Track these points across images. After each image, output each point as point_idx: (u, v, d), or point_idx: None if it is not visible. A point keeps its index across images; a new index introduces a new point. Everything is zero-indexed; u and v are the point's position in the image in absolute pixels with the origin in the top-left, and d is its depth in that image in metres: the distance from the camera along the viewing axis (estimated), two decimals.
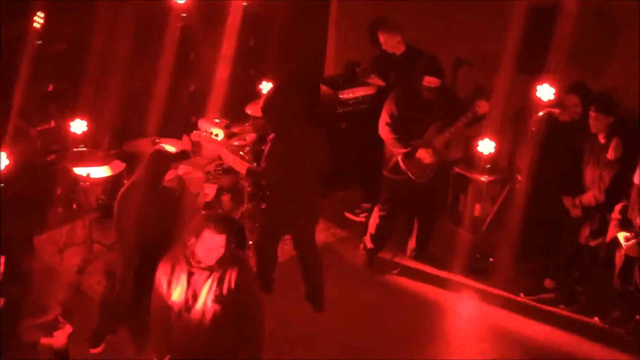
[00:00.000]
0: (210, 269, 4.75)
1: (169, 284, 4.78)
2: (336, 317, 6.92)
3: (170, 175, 5.97)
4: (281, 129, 6.44)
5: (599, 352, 6.68)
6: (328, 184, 8.22)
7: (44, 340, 4.67)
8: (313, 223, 6.98)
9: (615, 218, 6.51)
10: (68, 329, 4.70)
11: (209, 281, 4.77)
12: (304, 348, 6.52)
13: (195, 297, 4.79)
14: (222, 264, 4.76)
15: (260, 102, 6.60)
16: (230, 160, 6.58)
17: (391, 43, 7.77)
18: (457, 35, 8.28)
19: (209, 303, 4.79)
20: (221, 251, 4.70)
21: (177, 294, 4.78)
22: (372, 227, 7.54)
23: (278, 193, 6.66)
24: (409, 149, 7.02)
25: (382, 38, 7.80)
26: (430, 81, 6.89)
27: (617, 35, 7.32)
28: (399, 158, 7.08)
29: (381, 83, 7.87)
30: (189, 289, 4.77)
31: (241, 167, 6.55)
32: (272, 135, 6.48)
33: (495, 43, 7.70)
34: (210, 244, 4.65)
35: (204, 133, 6.87)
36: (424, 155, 7.05)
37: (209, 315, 4.81)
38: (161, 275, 4.81)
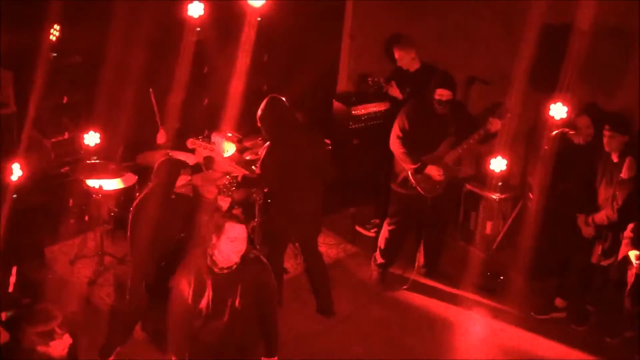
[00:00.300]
0: (232, 270, 4.82)
1: (193, 290, 4.84)
2: (347, 333, 6.90)
3: (182, 180, 5.98)
4: (276, 137, 6.54)
5: None
6: (339, 200, 8.25)
7: (41, 348, 4.68)
8: (315, 231, 7.03)
9: (628, 236, 6.48)
10: (67, 339, 4.69)
11: (233, 282, 4.84)
12: (314, 355, 6.50)
13: (220, 300, 4.86)
14: (244, 262, 4.84)
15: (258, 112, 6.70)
16: (227, 166, 6.64)
17: (406, 59, 7.82)
18: (473, 52, 8.31)
19: (234, 304, 4.87)
20: (244, 244, 4.80)
21: (202, 300, 4.84)
22: (381, 242, 7.54)
23: (277, 201, 6.73)
24: (419, 164, 7.03)
25: (397, 54, 7.85)
26: (442, 94, 6.91)
27: (629, 55, 7.32)
28: (409, 173, 7.09)
29: (399, 95, 7.89)
30: (214, 293, 4.84)
31: (239, 172, 6.62)
32: (267, 143, 6.57)
33: (510, 61, 7.72)
34: (234, 235, 4.75)
35: (199, 139, 6.91)
36: (434, 171, 7.06)
37: (233, 316, 4.89)
38: (183, 283, 4.86)
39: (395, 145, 7.10)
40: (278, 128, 6.57)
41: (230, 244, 4.77)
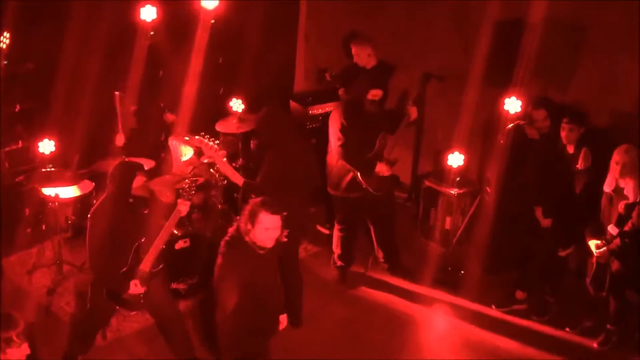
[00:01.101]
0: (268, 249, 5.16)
1: (247, 272, 5.08)
2: (311, 332, 6.90)
3: (137, 182, 5.91)
4: (277, 146, 6.49)
5: None
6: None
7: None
8: (300, 238, 7.03)
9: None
10: (25, 349, 4.62)
11: (272, 259, 5.26)
12: None
13: (266, 278, 5.21)
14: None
15: (255, 121, 6.71)
16: (228, 171, 6.60)
17: (362, 56, 7.85)
18: (426, 50, 8.37)
19: (275, 280, 5.30)
20: (278, 232, 5.10)
21: (255, 278, 5.10)
22: (336, 247, 7.56)
23: None
24: (368, 165, 7.07)
25: (353, 50, 7.89)
26: (375, 94, 6.97)
27: (581, 49, 7.42)
28: (358, 175, 7.10)
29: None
30: (261, 271, 5.13)
31: (238, 179, 6.56)
32: (268, 153, 6.50)
33: (463, 57, 7.80)
34: (268, 225, 5.02)
35: (206, 140, 6.85)
36: (383, 168, 7.13)
37: (274, 291, 5.38)
38: (233, 268, 5.07)
39: (339, 150, 7.07)
40: (278, 138, 6.51)
41: (264, 233, 5.05)
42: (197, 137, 6.90)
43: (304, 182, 6.63)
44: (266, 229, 5.03)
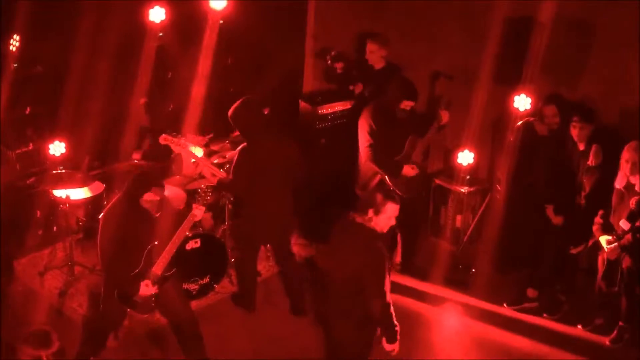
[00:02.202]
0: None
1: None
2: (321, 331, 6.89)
3: (149, 197, 5.89)
4: (249, 140, 6.53)
5: None
6: (309, 200, 8.23)
7: None
8: (287, 232, 7.05)
9: (598, 222, 6.56)
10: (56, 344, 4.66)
11: None
12: None
13: None
14: None
15: (229, 113, 6.68)
16: (206, 169, 6.61)
17: (376, 55, 7.89)
18: (436, 49, 8.35)
19: None
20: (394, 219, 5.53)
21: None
22: None
23: (248, 204, 6.74)
24: (396, 167, 7.07)
25: (369, 47, 7.90)
26: (407, 105, 6.98)
27: (590, 46, 7.41)
28: (386, 178, 7.10)
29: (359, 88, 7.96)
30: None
31: (214, 177, 6.59)
32: (240, 147, 6.55)
33: (473, 56, 7.78)
34: (392, 213, 5.48)
35: (172, 136, 6.86)
36: (409, 171, 7.10)
37: None
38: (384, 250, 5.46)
39: (368, 152, 7.09)
40: (251, 130, 6.55)
41: (387, 220, 5.49)
42: (163, 134, 6.90)
43: (282, 178, 6.63)
44: (389, 217, 5.48)
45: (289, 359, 6.56)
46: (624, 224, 6.34)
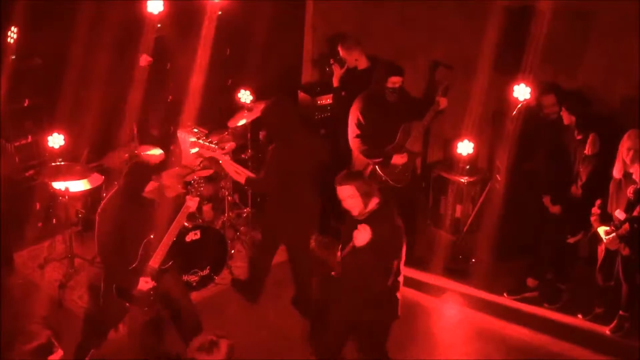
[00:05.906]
0: None
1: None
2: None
3: (150, 186, 5.91)
4: (281, 138, 6.47)
5: (583, 352, 6.67)
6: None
7: None
8: (310, 230, 7.04)
9: (595, 213, 6.55)
10: (60, 353, 4.64)
11: None
12: (299, 354, 6.48)
13: None
14: None
15: (261, 112, 6.66)
16: (231, 168, 6.59)
17: (350, 59, 7.73)
18: (435, 38, 8.34)
19: None
20: None
21: None
22: None
23: (277, 202, 6.64)
24: (384, 157, 7.05)
25: (341, 53, 7.77)
26: (394, 81, 6.95)
27: (589, 35, 7.38)
28: (376, 167, 7.09)
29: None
30: None
31: (240, 176, 6.56)
32: (272, 145, 6.48)
33: (472, 45, 7.76)
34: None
35: (201, 141, 6.85)
36: (399, 159, 7.09)
37: None
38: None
39: (355, 143, 7.09)
40: (284, 128, 6.49)
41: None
42: (192, 139, 6.90)
43: (311, 175, 6.59)
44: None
45: (289, 349, 6.57)
46: (619, 214, 6.34)
